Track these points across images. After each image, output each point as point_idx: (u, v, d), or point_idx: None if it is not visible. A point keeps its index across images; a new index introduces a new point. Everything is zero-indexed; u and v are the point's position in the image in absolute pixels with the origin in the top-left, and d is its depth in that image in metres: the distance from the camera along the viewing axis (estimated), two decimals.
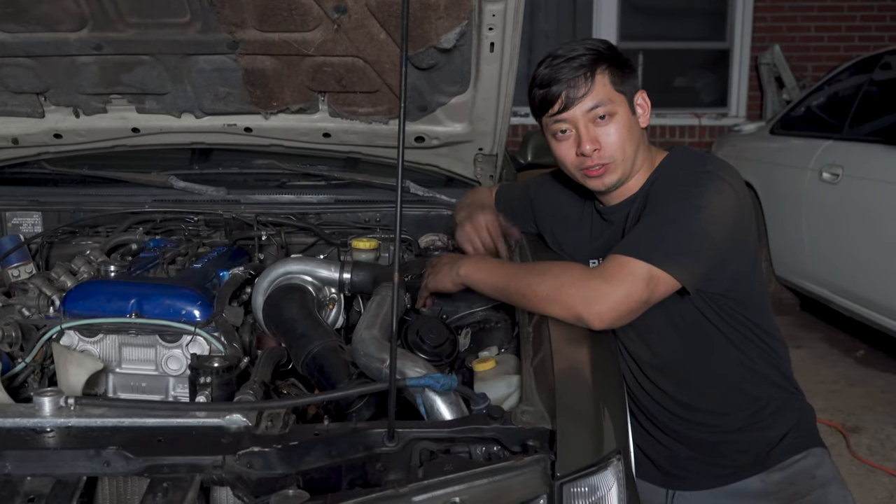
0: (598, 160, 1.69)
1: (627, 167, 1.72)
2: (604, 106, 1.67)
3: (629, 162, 1.72)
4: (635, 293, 1.53)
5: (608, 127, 1.68)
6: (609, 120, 1.68)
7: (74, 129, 2.32)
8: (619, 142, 1.69)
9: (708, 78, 8.08)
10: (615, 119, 1.68)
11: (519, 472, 1.24)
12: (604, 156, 1.69)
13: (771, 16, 7.70)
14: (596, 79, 1.67)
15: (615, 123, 1.68)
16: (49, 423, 1.34)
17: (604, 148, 1.68)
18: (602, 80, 1.67)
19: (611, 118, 1.68)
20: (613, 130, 1.68)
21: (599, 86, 1.67)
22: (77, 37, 2.05)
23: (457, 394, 1.45)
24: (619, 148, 1.69)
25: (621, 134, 1.69)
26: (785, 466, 1.73)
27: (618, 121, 1.68)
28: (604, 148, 1.68)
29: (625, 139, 1.69)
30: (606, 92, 1.67)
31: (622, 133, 1.69)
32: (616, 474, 1.29)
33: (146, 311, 1.72)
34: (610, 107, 1.67)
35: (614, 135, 1.68)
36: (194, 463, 1.27)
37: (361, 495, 1.21)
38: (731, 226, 1.63)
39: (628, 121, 1.70)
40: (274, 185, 2.54)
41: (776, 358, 1.79)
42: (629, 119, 1.70)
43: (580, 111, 1.68)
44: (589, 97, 1.67)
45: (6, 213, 2.41)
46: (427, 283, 1.86)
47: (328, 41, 2.06)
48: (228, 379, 1.50)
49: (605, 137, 1.68)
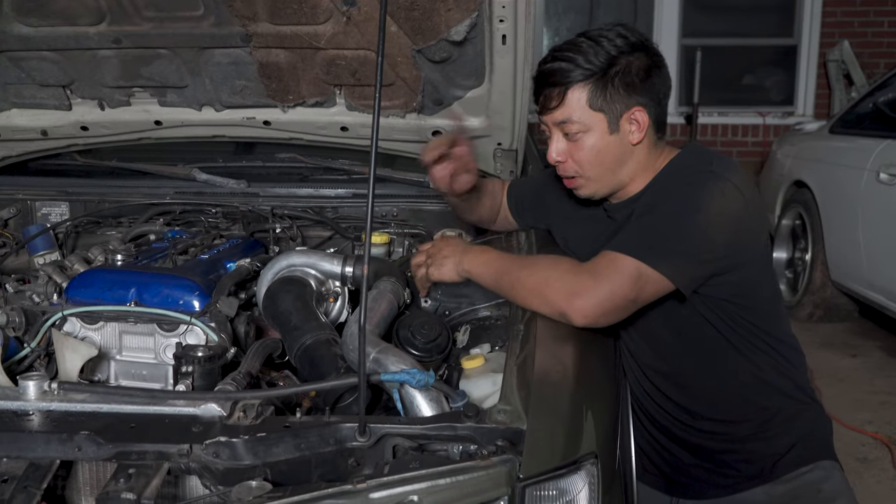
0: (564, 172, 1.68)
1: (602, 185, 1.68)
2: (572, 124, 1.62)
3: (603, 180, 1.67)
4: (621, 291, 1.48)
5: (577, 143, 1.64)
6: (579, 136, 1.63)
7: (100, 121, 2.37)
8: (586, 160, 1.64)
9: (774, 76, 7.85)
10: (585, 138, 1.63)
11: (483, 472, 1.21)
12: (567, 169, 1.67)
13: (841, 10, 7.43)
14: (568, 96, 1.61)
15: (584, 143, 1.63)
16: (32, 406, 1.38)
17: (568, 162, 1.66)
18: (576, 97, 1.61)
19: (581, 135, 1.63)
20: (581, 148, 1.64)
21: (572, 102, 1.61)
22: (96, 31, 2.09)
23: (439, 391, 1.43)
24: (587, 166, 1.65)
25: (589, 154, 1.64)
26: (790, 479, 1.66)
27: (587, 140, 1.63)
28: (568, 162, 1.66)
29: (592, 160, 1.64)
30: (579, 110, 1.61)
31: (590, 154, 1.64)
32: (588, 478, 1.25)
33: (145, 299, 1.74)
34: (579, 126, 1.62)
35: (581, 153, 1.64)
36: (162, 450, 1.28)
37: (320, 489, 1.19)
38: (734, 229, 1.56)
39: (600, 141, 1.63)
40: (295, 178, 2.55)
41: (788, 366, 1.71)
42: (603, 139, 1.63)
43: (551, 120, 1.65)
44: (559, 111, 1.63)
45: (35, 202, 2.48)
46: (430, 274, 1.82)
47: (339, 34, 2.05)
48: (210, 369, 1.51)
49: (574, 152, 1.65)
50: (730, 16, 7.76)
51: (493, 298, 1.89)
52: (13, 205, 2.48)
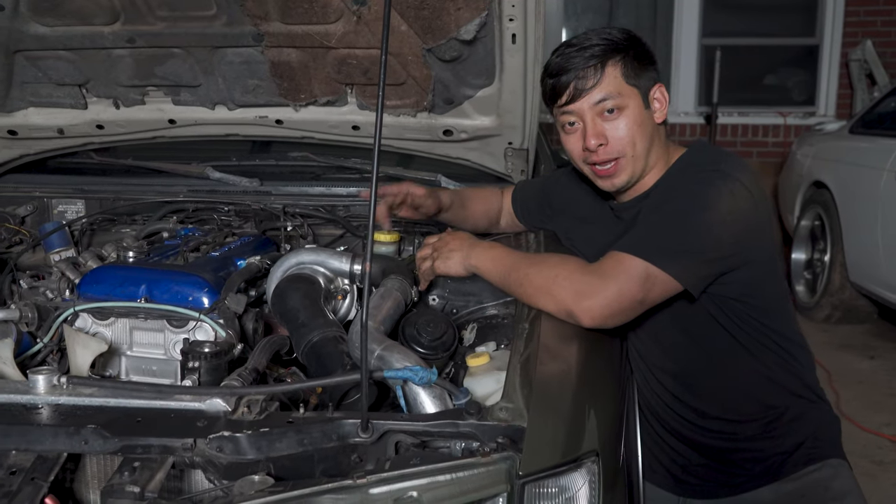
0: (605, 156, 1.64)
1: (639, 165, 1.65)
2: (612, 99, 1.61)
3: (640, 159, 1.65)
4: (629, 291, 1.48)
5: (617, 121, 1.62)
6: (618, 114, 1.62)
7: (115, 119, 2.40)
8: (629, 136, 1.62)
9: (795, 75, 7.76)
10: (625, 113, 1.62)
11: (483, 469, 1.22)
12: (610, 151, 1.63)
13: (864, 10, 7.33)
14: (606, 70, 1.61)
15: (624, 118, 1.62)
16: (41, 399, 1.40)
17: (610, 143, 1.63)
18: (613, 73, 1.61)
19: (620, 112, 1.62)
20: (623, 125, 1.62)
21: (609, 78, 1.61)
22: (111, 30, 2.11)
23: (442, 388, 1.44)
24: (629, 143, 1.63)
25: (630, 129, 1.62)
26: (798, 477, 1.65)
27: (628, 115, 1.62)
28: (610, 143, 1.63)
29: (635, 134, 1.62)
30: (616, 85, 1.61)
31: (632, 128, 1.62)
32: (588, 476, 1.25)
33: (155, 296, 1.76)
34: (619, 100, 1.61)
35: (623, 129, 1.62)
36: (166, 444, 1.29)
37: (321, 484, 1.20)
38: (742, 228, 1.55)
39: (639, 116, 1.63)
40: (308, 176, 2.56)
41: (796, 366, 1.70)
42: (641, 114, 1.63)
43: (587, 103, 1.62)
44: (597, 89, 1.61)
45: (52, 200, 2.51)
46: (436, 267, 1.81)
47: (350, 33, 2.06)
48: (217, 364, 1.53)
49: (613, 132, 1.62)
50: (751, 15, 7.69)
51: (500, 297, 1.89)
52: (30, 202, 2.51)
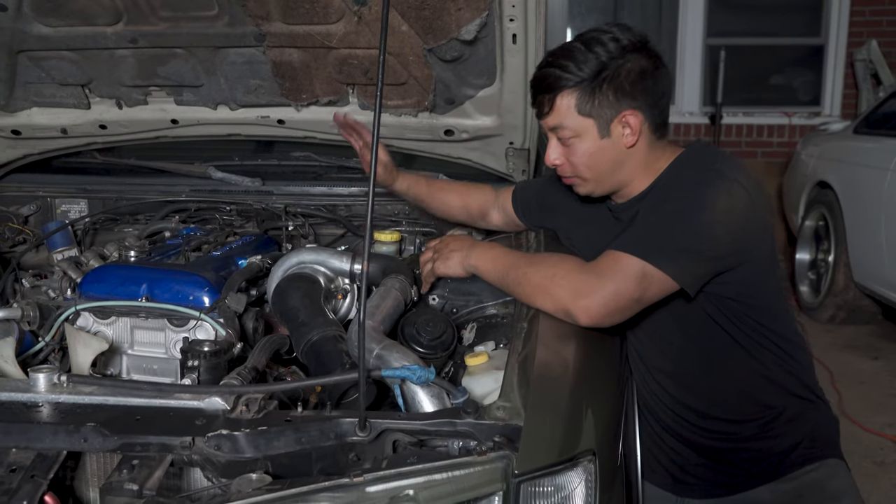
0: (562, 173, 1.70)
1: (599, 185, 1.69)
2: (563, 129, 1.63)
3: (601, 181, 1.68)
4: (626, 290, 1.48)
5: (572, 147, 1.65)
6: (571, 143, 1.64)
7: (118, 119, 2.41)
8: (582, 163, 1.65)
9: (801, 75, 7.74)
10: (577, 142, 1.63)
11: (479, 467, 1.22)
12: (565, 170, 1.69)
13: (870, 10, 7.31)
14: (556, 102, 1.62)
15: (577, 147, 1.64)
16: (41, 398, 1.40)
17: (565, 164, 1.67)
18: (565, 104, 1.61)
19: (574, 140, 1.63)
20: (577, 152, 1.65)
21: (562, 109, 1.62)
22: (113, 30, 2.12)
23: (440, 387, 1.45)
24: (583, 168, 1.66)
25: (583, 158, 1.64)
26: (795, 477, 1.65)
27: (580, 145, 1.63)
28: (565, 164, 1.67)
29: (588, 162, 1.65)
30: (568, 116, 1.62)
31: (584, 158, 1.64)
32: (585, 475, 1.25)
33: (156, 295, 1.77)
34: (569, 131, 1.63)
35: (576, 157, 1.65)
36: (165, 443, 1.30)
37: (318, 482, 1.21)
38: (739, 227, 1.55)
39: (592, 146, 1.63)
40: (310, 176, 2.57)
41: (795, 365, 1.70)
42: (595, 143, 1.63)
43: (545, 126, 1.67)
44: (550, 117, 1.64)
45: (55, 200, 2.53)
46: (436, 268, 1.84)
47: (351, 33, 2.07)
48: (216, 363, 1.53)
49: (569, 155, 1.66)
50: (756, 15, 7.68)
51: (500, 296, 1.90)
52: (33, 202, 2.53)
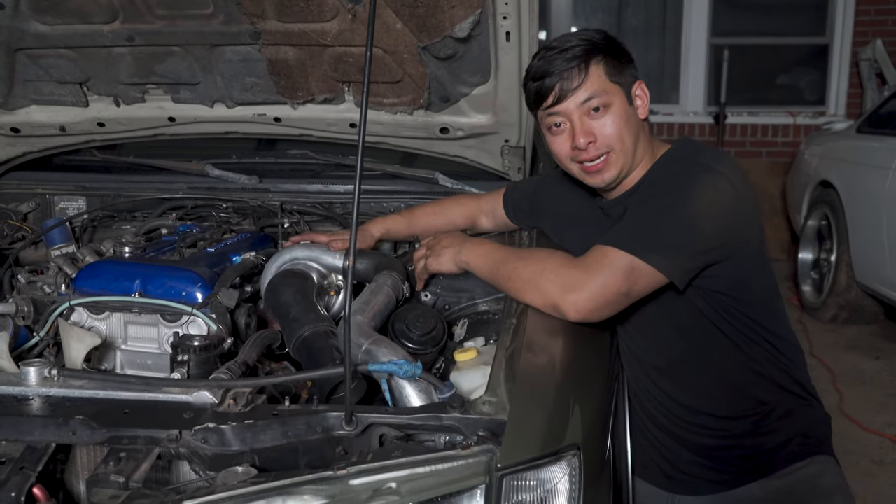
0: (595, 151, 1.65)
1: (627, 159, 1.67)
2: (598, 97, 1.62)
3: (629, 153, 1.66)
4: (614, 284, 1.49)
5: (604, 119, 1.64)
6: (604, 111, 1.63)
7: (116, 117, 2.42)
8: (617, 132, 1.64)
9: (805, 75, 7.73)
10: (611, 110, 1.63)
11: (463, 461, 1.23)
12: (600, 146, 1.64)
13: (875, 9, 7.28)
14: (590, 70, 1.62)
15: (611, 114, 1.63)
16: (32, 391, 1.42)
17: (599, 140, 1.64)
18: (596, 72, 1.63)
19: (606, 109, 1.63)
20: (609, 122, 1.64)
21: (594, 77, 1.62)
22: (110, 28, 2.13)
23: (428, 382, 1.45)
24: (617, 138, 1.64)
25: (618, 125, 1.64)
26: (786, 474, 1.65)
27: (614, 111, 1.64)
28: (599, 140, 1.64)
29: (622, 129, 1.64)
30: (601, 83, 1.63)
31: (619, 124, 1.64)
32: (568, 469, 1.26)
33: (149, 291, 1.78)
34: (605, 98, 1.63)
35: (610, 126, 1.63)
36: (152, 436, 1.31)
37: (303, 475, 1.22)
38: (725, 220, 1.56)
39: (625, 111, 1.65)
40: (307, 174, 2.58)
41: (786, 362, 1.71)
42: (626, 110, 1.65)
43: (574, 104, 1.63)
44: (582, 89, 1.62)
45: (54, 197, 2.54)
46: (428, 265, 1.85)
47: (345, 31, 2.07)
48: (206, 358, 1.54)
49: (601, 129, 1.64)
50: (760, 15, 7.67)
51: (492, 293, 1.90)
52: (32, 199, 2.54)
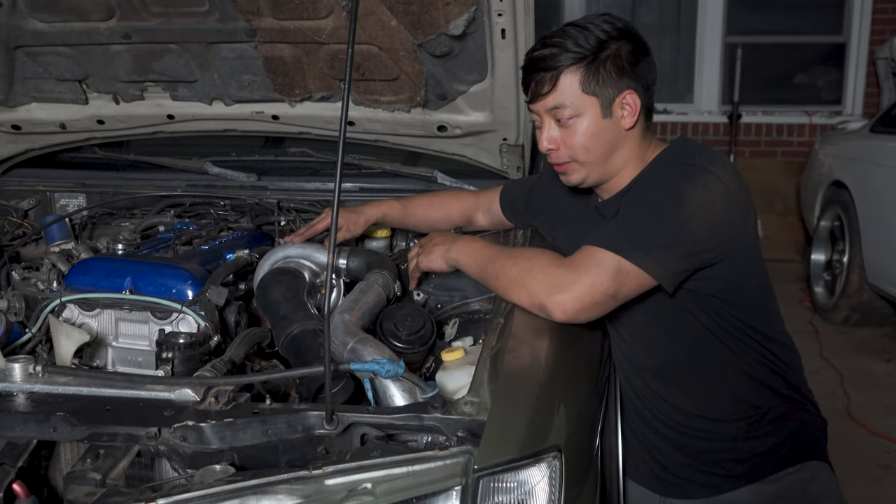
0: (557, 158, 1.66)
1: (593, 170, 1.66)
2: (565, 108, 1.60)
3: (595, 165, 1.65)
4: (601, 285, 1.47)
5: (570, 129, 1.62)
6: (572, 122, 1.61)
7: (115, 115, 2.43)
8: (580, 144, 1.62)
9: (822, 74, 7.63)
10: (578, 121, 1.61)
11: (440, 462, 1.22)
12: (560, 156, 1.65)
13: (892, 7, 7.19)
14: (560, 79, 1.60)
15: (578, 128, 1.61)
16: (17, 387, 1.42)
17: (561, 149, 1.64)
18: (569, 81, 1.59)
19: (575, 120, 1.61)
20: (575, 133, 1.62)
21: (564, 86, 1.60)
22: (107, 26, 2.14)
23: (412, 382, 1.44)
24: (581, 150, 1.63)
25: (583, 138, 1.62)
26: (777, 479, 1.63)
27: (581, 123, 1.61)
28: (561, 149, 1.64)
29: (588, 142, 1.62)
30: (571, 94, 1.60)
31: (584, 139, 1.62)
32: (548, 471, 1.24)
33: (140, 288, 1.78)
34: (572, 110, 1.60)
35: (575, 137, 1.62)
36: (132, 433, 1.31)
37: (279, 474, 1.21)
38: (717, 222, 1.53)
39: (594, 125, 1.61)
40: (306, 172, 2.58)
41: (780, 365, 1.68)
42: (597, 123, 1.61)
43: (543, 107, 1.63)
44: (551, 96, 1.61)
45: (54, 194, 2.56)
46: (419, 263, 1.85)
47: (341, 28, 2.07)
48: (191, 355, 1.54)
49: (566, 138, 1.63)
50: (776, 13, 7.59)
51: (484, 292, 1.89)
52: (33, 196, 2.56)
